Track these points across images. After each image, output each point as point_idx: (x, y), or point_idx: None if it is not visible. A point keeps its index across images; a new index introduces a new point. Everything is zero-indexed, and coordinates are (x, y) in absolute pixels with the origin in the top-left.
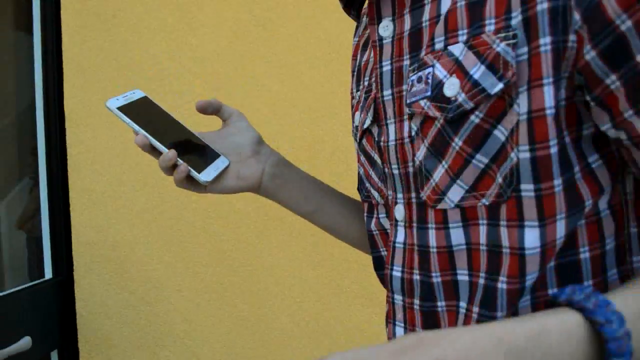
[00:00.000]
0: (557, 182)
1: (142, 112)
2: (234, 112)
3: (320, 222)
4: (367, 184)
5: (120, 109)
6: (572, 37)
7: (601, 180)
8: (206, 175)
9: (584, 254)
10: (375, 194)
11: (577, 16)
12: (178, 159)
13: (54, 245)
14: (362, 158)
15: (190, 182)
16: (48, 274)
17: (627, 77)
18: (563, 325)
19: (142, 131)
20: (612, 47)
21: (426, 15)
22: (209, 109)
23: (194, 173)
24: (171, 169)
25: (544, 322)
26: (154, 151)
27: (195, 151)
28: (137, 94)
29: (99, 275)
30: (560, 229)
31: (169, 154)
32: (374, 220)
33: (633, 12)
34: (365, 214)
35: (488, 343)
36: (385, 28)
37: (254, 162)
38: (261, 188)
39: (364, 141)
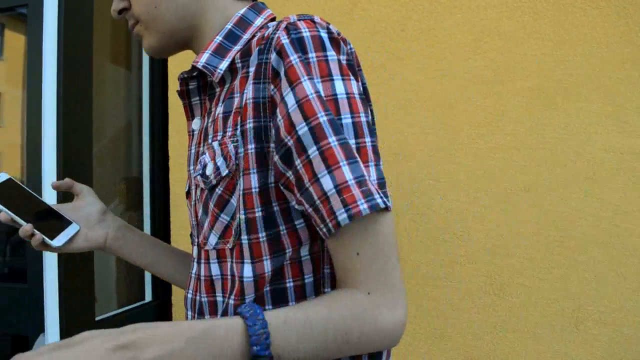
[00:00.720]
0: (262, 235)
1: (7, 192)
2: (84, 188)
3: (156, 271)
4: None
5: None
6: (272, 144)
7: (301, 237)
8: (58, 241)
9: (289, 284)
10: (194, 238)
11: (273, 131)
12: (34, 229)
13: None
14: (188, 212)
15: (46, 246)
16: (148, 297)
17: (294, 173)
18: (228, 325)
19: (4, 209)
20: (285, 154)
21: (211, 118)
22: (62, 186)
23: (47, 240)
24: (30, 237)
25: (217, 322)
26: (16, 223)
27: (50, 221)
28: (2, 176)
29: None
30: (267, 266)
31: (26, 227)
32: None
33: (292, 135)
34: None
35: (175, 333)
36: (195, 123)
37: (99, 228)
38: (106, 247)
39: (187, 200)
